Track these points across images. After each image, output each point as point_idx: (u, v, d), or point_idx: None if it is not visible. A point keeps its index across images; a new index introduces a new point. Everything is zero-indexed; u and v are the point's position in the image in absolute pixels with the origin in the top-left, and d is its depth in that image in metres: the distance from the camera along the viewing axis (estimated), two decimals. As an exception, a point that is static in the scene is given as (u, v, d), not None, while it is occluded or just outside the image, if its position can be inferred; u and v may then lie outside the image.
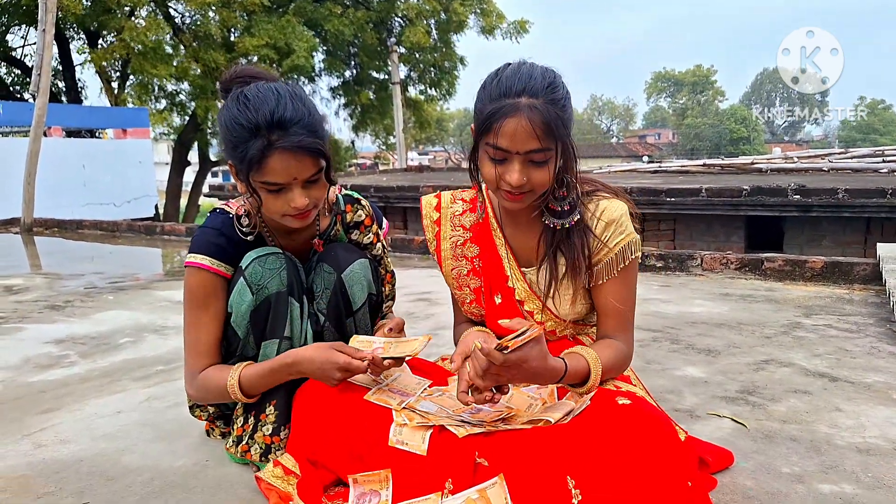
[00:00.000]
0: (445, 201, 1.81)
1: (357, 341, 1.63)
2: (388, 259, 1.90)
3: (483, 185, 1.69)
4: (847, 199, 6.25)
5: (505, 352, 1.31)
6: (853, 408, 2.08)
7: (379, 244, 1.86)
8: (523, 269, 1.70)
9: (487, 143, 1.47)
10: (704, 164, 12.11)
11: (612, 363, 1.54)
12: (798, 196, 6.44)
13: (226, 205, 1.69)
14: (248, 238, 1.64)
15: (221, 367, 1.65)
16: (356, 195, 1.85)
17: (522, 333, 1.33)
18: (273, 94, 1.48)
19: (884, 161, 10.32)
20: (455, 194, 1.82)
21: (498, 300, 1.71)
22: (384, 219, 1.91)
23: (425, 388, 1.62)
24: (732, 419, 2.01)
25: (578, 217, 1.59)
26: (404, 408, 1.51)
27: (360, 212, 1.83)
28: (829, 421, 1.99)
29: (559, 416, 1.42)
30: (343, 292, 1.72)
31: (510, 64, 1.51)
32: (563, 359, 1.45)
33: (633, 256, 1.61)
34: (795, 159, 11.86)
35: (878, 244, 4.69)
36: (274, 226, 1.69)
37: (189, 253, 1.63)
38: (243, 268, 1.60)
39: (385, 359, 1.55)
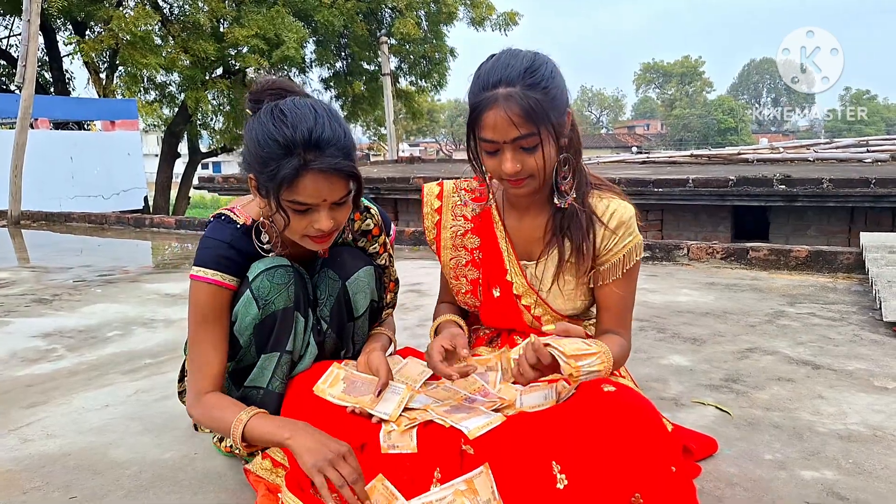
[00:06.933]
0: (448, 190, 1.80)
1: (327, 392, 1.57)
2: (394, 268, 1.85)
3: (487, 176, 1.68)
4: (831, 189, 6.29)
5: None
6: (835, 395, 2.11)
7: (385, 254, 1.81)
8: (523, 262, 1.70)
9: (477, 136, 1.50)
10: (692, 155, 12.19)
11: (617, 357, 1.56)
12: (783, 186, 6.47)
13: (231, 211, 1.60)
14: (269, 255, 1.57)
15: (228, 404, 1.55)
16: (366, 202, 1.77)
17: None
18: (311, 112, 1.42)
19: (868, 151, 10.39)
20: (458, 183, 1.80)
21: (496, 293, 1.72)
22: (392, 224, 1.86)
23: (426, 380, 1.62)
24: (716, 407, 2.03)
25: (585, 199, 1.60)
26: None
27: (368, 220, 1.77)
28: (812, 408, 2.01)
29: (546, 404, 1.43)
30: (346, 300, 1.69)
31: (496, 54, 1.52)
32: None
33: (638, 258, 1.64)
34: (781, 149, 11.92)
35: (862, 233, 4.73)
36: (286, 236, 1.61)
37: (194, 266, 1.55)
38: (250, 279, 1.54)
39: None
